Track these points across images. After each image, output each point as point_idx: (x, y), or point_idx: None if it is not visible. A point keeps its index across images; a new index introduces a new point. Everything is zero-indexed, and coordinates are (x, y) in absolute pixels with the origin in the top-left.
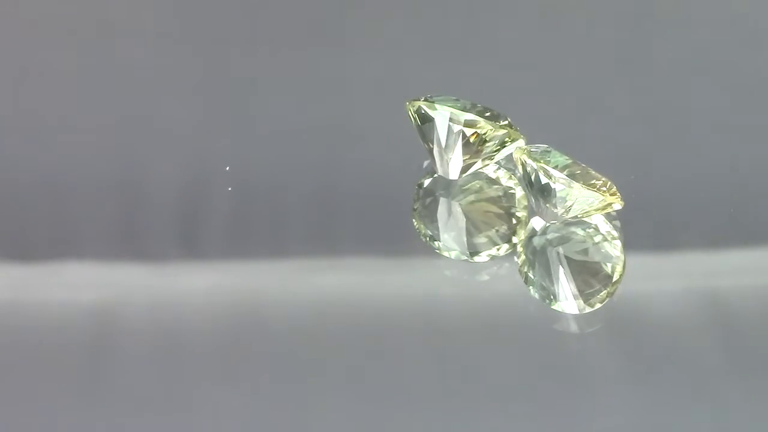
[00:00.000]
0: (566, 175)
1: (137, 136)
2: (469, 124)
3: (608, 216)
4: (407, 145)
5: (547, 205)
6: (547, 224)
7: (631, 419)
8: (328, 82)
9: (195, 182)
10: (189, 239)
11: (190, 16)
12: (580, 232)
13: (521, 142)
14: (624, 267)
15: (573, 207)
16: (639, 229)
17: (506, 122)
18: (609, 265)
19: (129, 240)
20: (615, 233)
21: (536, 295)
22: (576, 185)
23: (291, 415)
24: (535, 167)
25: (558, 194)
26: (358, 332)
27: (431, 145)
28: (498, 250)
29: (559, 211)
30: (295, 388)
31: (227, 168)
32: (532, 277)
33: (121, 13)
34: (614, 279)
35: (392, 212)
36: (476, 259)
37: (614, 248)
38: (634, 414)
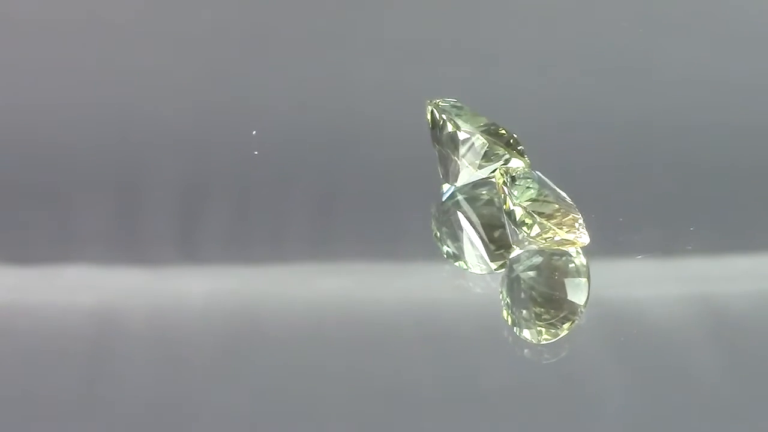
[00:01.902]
0: (530, 206)
1: (136, 137)
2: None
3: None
4: (409, 146)
5: (515, 228)
6: (523, 249)
7: (627, 425)
8: (329, 82)
9: (194, 185)
10: (188, 242)
11: (190, 14)
12: (554, 261)
13: (518, 163)
14: (587, 303)
15: (532, 237)
16: (637, 234)
17: (509, 141)
18: (573, 299)
19: (128, 243)
20: (585, 266)
21: (508, 319)
22: (536, 217)
23: (290, 419)
24: (506, 191)
25: (519, 221)
26: (357, 336)
27: (437, 147)
28: (494, 265)
29: (521, 237)
30: (294, 391)
31: (254, 132)
32: (507, 299)
33: (121, 11)
34: (576, 315)
35: (393, 215)
36: (474, 270)
37: (582, 281)
38: (630, 419)
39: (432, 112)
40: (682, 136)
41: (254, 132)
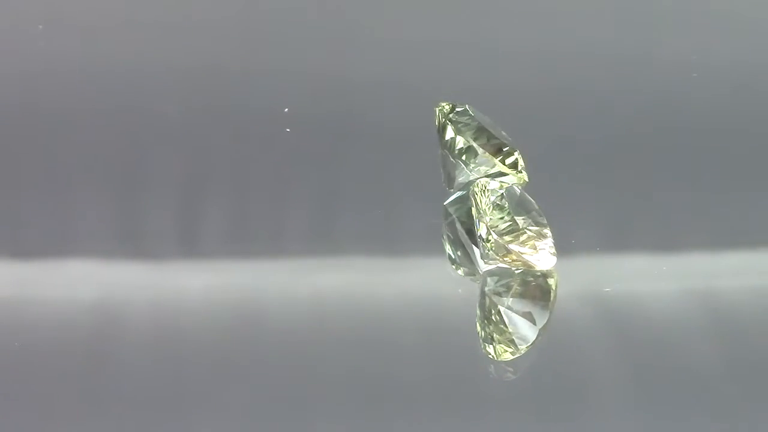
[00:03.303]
0: (494, 224)
1: (137, 131)
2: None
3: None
4: (409, 145)
5: (482, 245)
6: (493, 266)
7: (627, 421)
8: (330, 77)
9: (195, 180)
10: (189, 237)
11: (191, 9)
12: (522, 281)
13: (511, 179)
14: (546, 326)
15: (495, 255)
16: (637, 229)
17: (506, 155)
18: (534, 321)
19: (128, 237)
20: (552, 289)
21: (479, 333)
22: (494, 236)
23: (290, 415)
24: (476, 206)
25: (484, 238)
26: (357, 331)
27: (440, 150)
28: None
29: (487, 254)
30: (294, 387)
31: (285, 110)
32: (478, 313)
33: (122, 7)
34: (535, 337)
35: (394, 211)
36: (467, 277)
37: (545, 305)
38: (631, 415)
39: (438, 115)
40: (681, 131)
41: (286, 110)
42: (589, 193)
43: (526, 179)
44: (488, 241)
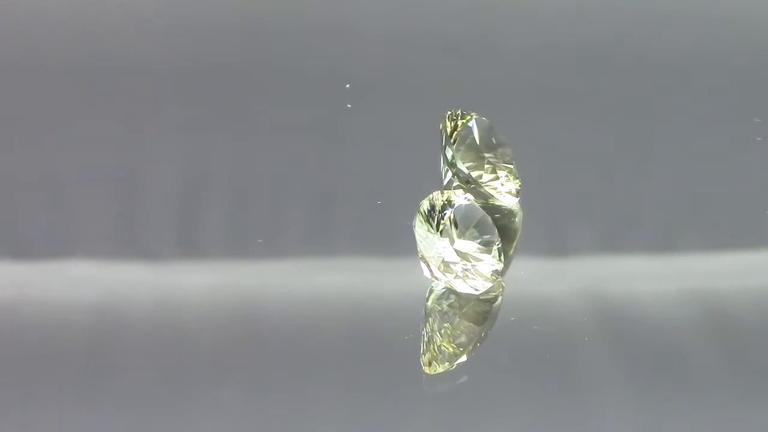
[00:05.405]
0: (424, 246)
1: (137, 133)
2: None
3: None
4: (409, 145)
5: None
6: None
7: (626, 421)
8: (328, 78)
9: (195, 180)
10: (188, 237)
11: (190, 11)
12: (460, 302)
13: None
14: (473, 348)
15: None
16: (635, 231)
17: (486, 177)
18: (459, 343)
19: (129, 238)
20: (489, 313)
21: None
22: (428, 260)
23: (289, 415)
24: (424, 221)
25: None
26: (356, 332)
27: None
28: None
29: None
30: (293, 387)
31: (347, 86)
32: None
33: (121, 8)
34: (459, 355)
35: (391, 212)
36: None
37: (474, 329)
38: (629, 416)
39: (443, 125)
40: (680, 132)
41: (348, 86)
42: (586, 193)
43: (504, 202)
44: (424, 261)
